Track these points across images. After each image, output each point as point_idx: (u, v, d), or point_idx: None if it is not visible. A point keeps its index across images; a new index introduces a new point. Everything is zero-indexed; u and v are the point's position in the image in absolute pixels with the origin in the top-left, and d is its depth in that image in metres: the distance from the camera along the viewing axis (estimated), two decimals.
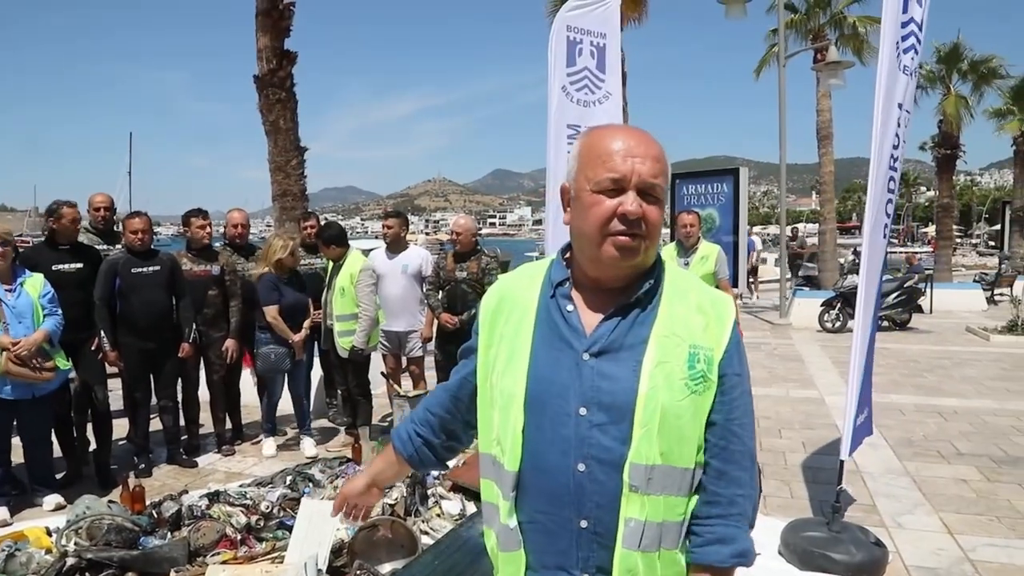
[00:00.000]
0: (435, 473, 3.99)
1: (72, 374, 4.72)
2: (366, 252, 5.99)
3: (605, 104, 5.81)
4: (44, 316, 4.33)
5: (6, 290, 4.21)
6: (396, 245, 5.99)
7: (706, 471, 1.28)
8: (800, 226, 27.36)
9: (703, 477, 1.28)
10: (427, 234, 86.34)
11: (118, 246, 5.41)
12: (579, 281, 1.33)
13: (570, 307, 1.30)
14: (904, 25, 3.72)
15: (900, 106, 3.72)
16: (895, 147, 3.72)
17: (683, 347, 1.25)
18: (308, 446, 5.50)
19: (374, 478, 1.65)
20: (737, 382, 1.29)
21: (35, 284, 4.34)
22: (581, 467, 1.24)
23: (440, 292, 5.71)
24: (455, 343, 5.70)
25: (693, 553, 1.28)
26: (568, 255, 1.38)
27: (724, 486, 1.28)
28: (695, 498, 1.28)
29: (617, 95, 5.93)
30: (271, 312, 5.24)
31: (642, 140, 1.28)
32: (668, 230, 11.02)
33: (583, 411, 1.24)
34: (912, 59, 3.77)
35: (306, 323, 5.48)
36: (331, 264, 5.76)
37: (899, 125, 3.72)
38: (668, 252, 5.82)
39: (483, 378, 1.38)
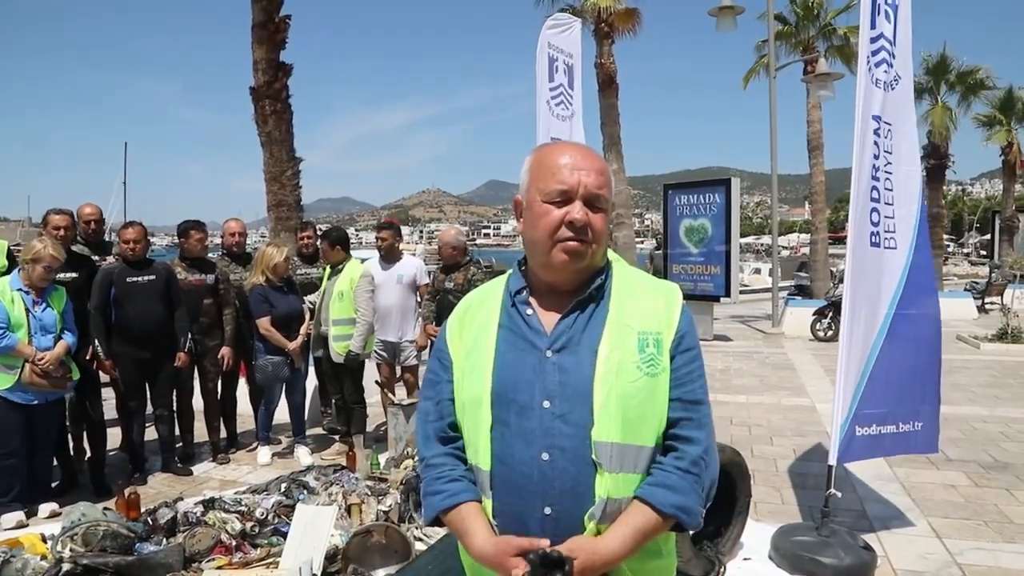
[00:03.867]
0: None
1: None
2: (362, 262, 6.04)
3: (574, 120, 5.94)
4: (63, 330, 4.47)
5: (34, 302, 4.32)
6: (391, 255, 6.04)
7: (675, 437, 1.36)
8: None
9: (673, 441, 1.36)
10: (427, 244, 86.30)
11: (109, 258, 5.43)
12: (535, 287, 1.44)
13: (529, 311, 1.41)
14: (873, 40, 3.84)
15: (877, 118, 3.81)
16: (876, 156, 3.80)
17: (633, 334, 1.35)
18: (303, 455, 5.52)
19: (491, 537, 1.37)
20: (693, 356, 1.40)
21: (59, 298, 4.46)
22: (545, 456, 1.32)
23: (435, 304, 5.75)
24: None
25: (641, 489, 1.33)
26: (524, 266, 1.48)
27: (692, 447, 1.36)
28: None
29: (580, 113, 6.08)
30: (263, 324, 5.29)
31: (587, 155, 1.39)
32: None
33: (546, 404, 1.33)
34: (885, 72, 3.87)
35: (302, 329, 5.52)
36: (328, 270, 5.80)
37: (877, 136, 3.80)
38: None
39: (458, 389, 1.44)
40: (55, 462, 4.84)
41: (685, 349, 1.38)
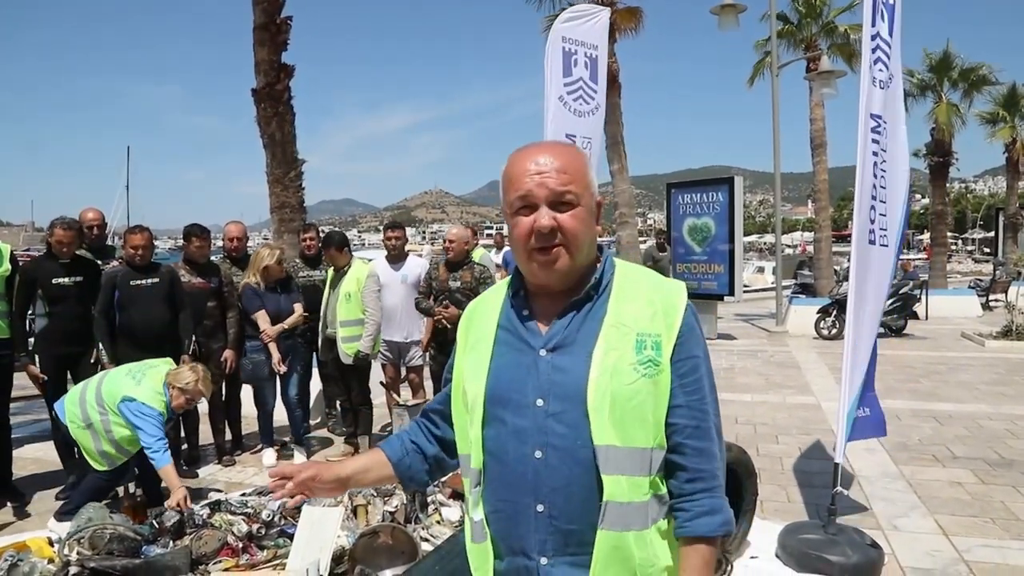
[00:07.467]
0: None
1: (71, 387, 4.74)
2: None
3: (596, 115, 5.87)
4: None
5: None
6: (399, 255, 6.03)
7: (683, 451, 1.34)
8: None
9: (680, 457, 1.34)
10: (431, 244, 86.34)
11: (113, 261, 5.43)
12: (533, 287, 1.43)
13: (526, 311, 1.41)
14: (872, 39, 3.86)
15: (875, 116, 3.84)
16: (875, 154, 3.83)
17: (631, 335, 1.32)
18: (297, 457, 5.51)
19: (352, 475, 1.56)
20: (696, 364, 1.36)
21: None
22: (538, 454, 1.32)
23: (432, 301, 5.73)
24: (448, 352, 5.72)
25: (684, 527, 1.33)
26: None
27: (704, 462, 1.34)
28: (657, 479, 1.33)
29: (603, 107, 6.00)
30: (261, 316, 5.35)
31: (547, 154, 1.35)
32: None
33: (540, 402, 1.33)
34: (881, 71, 3.90)
35: (288, 320, 5.53)
36: (332, 272, 5.81)
37: (876, 133, 3.83)
38: None
39: (456, 386, 1.48)
40: (61, 465, 4.86)
41: (687, 356, 1.34)
